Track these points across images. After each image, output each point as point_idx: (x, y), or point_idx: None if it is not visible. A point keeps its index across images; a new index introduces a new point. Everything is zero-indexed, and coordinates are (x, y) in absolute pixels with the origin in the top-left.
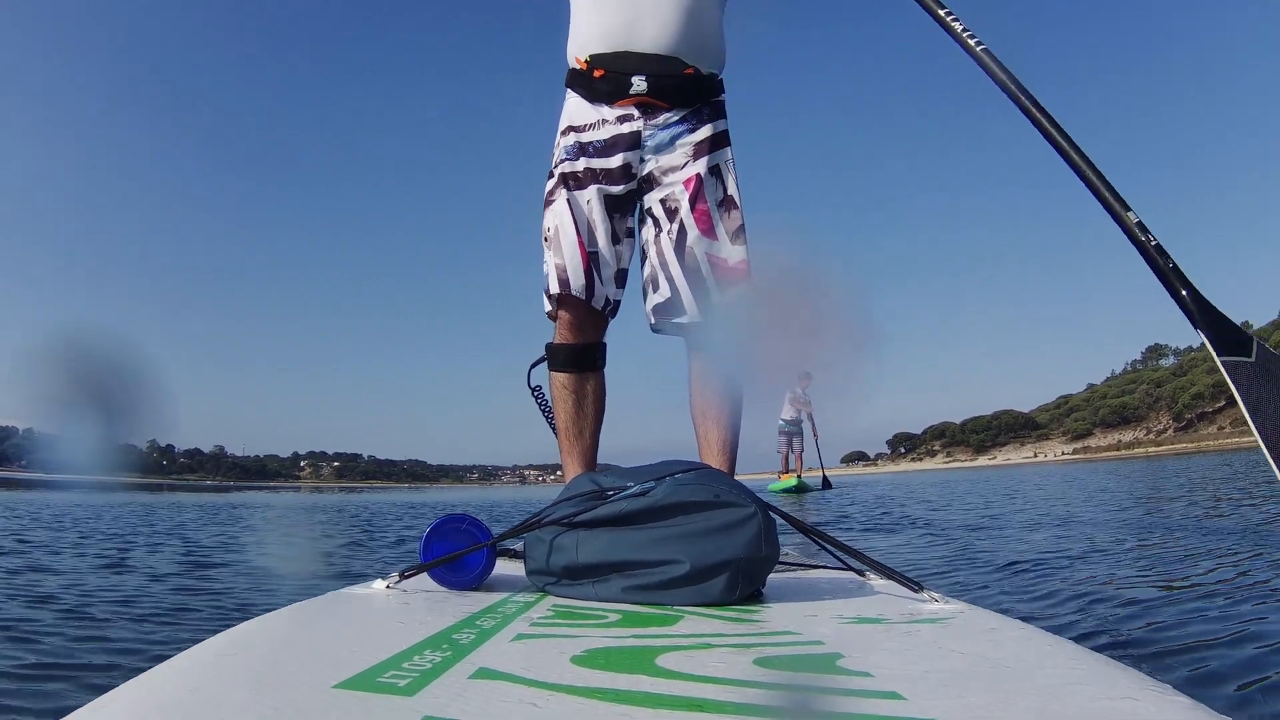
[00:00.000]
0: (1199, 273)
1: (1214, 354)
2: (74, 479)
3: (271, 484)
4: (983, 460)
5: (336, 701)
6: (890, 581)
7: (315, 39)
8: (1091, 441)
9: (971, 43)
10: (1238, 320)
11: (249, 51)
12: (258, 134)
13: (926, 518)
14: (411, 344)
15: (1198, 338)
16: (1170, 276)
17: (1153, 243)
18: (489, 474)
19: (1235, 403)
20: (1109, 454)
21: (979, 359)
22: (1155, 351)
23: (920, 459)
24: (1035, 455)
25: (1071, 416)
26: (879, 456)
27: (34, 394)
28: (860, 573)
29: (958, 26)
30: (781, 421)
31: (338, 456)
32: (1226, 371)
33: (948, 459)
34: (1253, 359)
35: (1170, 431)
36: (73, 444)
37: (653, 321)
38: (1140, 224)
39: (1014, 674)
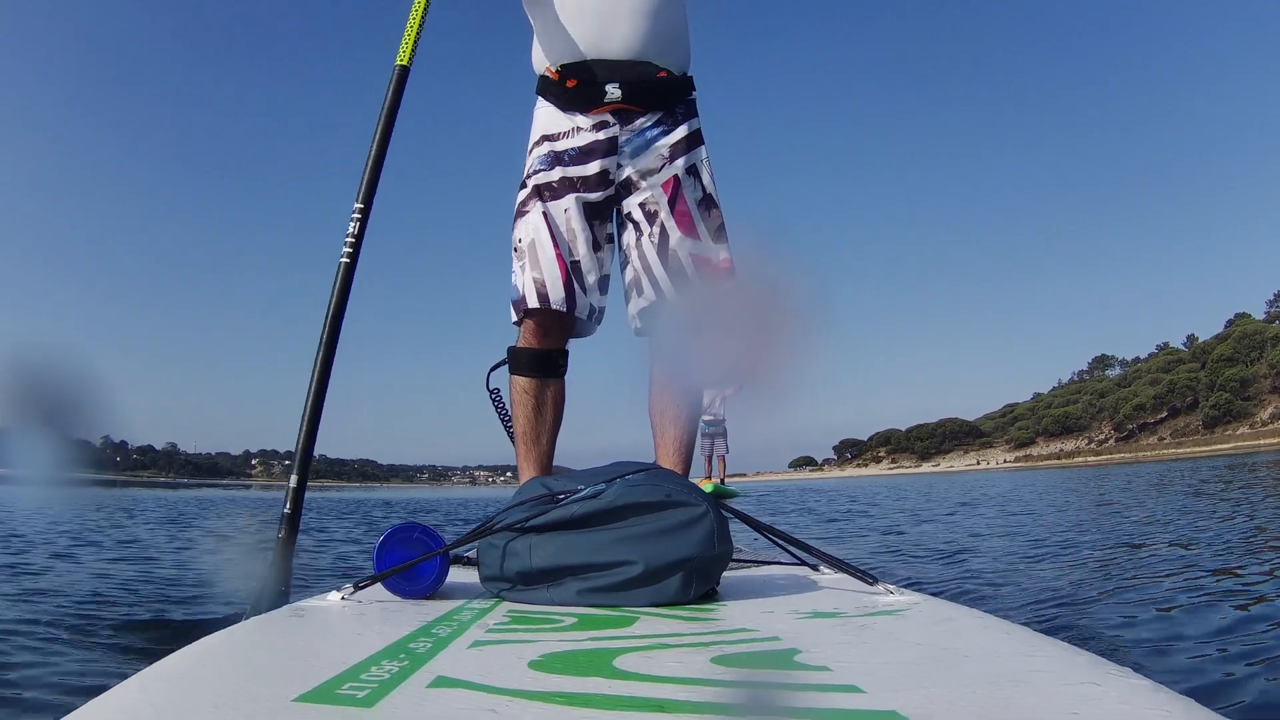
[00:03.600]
0: (1195, 268)
1: None
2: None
3: (223, 481)
4: (926, 467)
5: (297, 715)
6: (845, 575)
7: (312, 38)
8: (1034, 450)
9: None
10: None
11: (243, 48)
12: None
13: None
14: (364, 343)
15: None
16: None
17: None
18: (439, 474)
19: (1176, 413)
20: (1050, 462)
21: (927, 367)
22: (1101, 362)
23: (866, 464)
24: (978, 462)
25: (1015, 425)
26: (825, 462)
27: None
28: (814, 567)
29: None
30: (702, 423)
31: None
32: None
33: (893, 465)
34: None
35: (1111, 441)
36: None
37: (638, 325)
38: None
39: (972, 663)
